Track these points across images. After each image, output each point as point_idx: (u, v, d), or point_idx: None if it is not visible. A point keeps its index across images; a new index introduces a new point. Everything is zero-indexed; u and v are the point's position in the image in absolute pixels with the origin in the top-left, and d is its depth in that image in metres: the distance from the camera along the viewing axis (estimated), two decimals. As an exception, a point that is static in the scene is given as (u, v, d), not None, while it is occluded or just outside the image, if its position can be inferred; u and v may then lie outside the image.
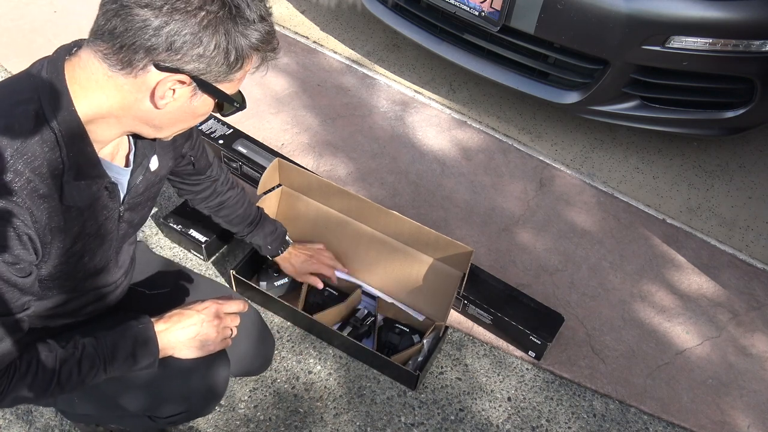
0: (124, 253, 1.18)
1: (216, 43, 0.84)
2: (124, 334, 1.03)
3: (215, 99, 0.92)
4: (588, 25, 2.00)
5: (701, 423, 1.68)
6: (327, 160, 2.27)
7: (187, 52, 0.83)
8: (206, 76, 0.87)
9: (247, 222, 1.57)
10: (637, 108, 2.20)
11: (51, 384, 0.96)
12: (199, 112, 0.94)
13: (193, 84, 0.87)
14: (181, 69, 0.84)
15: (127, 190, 1.04)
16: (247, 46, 0.87)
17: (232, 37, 0.85)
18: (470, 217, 2.14)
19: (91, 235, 1.00)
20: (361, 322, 1.75)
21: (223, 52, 0.85)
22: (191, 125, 0.99)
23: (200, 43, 0.83)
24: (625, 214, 2.22)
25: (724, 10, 1.89)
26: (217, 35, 0.83)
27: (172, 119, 0.93)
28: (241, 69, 0.90)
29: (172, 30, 0.81)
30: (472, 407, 1.66)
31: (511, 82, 2.31)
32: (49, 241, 0.92)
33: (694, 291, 2.00)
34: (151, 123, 0.93)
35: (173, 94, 0.87)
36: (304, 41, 2.81)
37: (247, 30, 0.86)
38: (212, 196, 1.49)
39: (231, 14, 0.84)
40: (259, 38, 0.88)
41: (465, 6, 2.19)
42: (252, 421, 1.58)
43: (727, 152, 2.51)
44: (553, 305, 1.84)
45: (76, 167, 0.90)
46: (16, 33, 2.70)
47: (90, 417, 1.40)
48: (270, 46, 0.92)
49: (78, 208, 0.94)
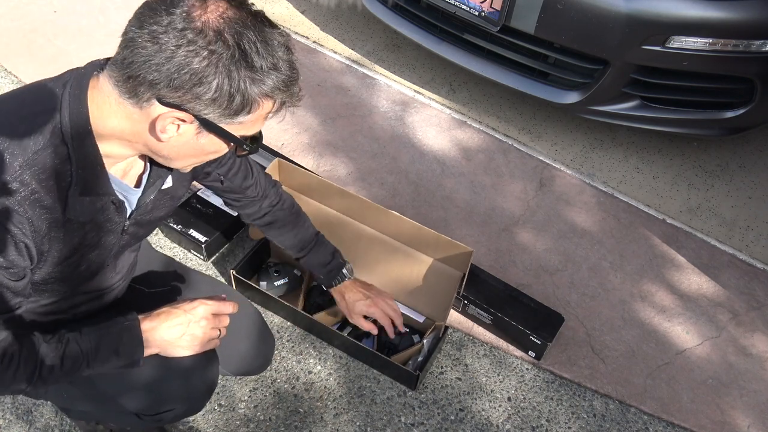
0: (124, 258, 1.18)
1: (218, 85, 0.83)
2: (109, 330, 1.03)
3: (221, 139, 0.91)
4: (588, 25, 2.00)
5: (701, 423, 1.68)
6: (327, 160, 2.27)
7: (188, 90, 0.83)
8: (209, 116, 0.86)
9: (298, 247, 1.52)
10: (637, 108, 2.20)
11: (33, 377, 0.97)
12: (207, 149, 0.93)
13: (196, 122, 0.87)
14: (182, 106, 0.84)
15: (135, 207, 1.05)
16: (256, 92, 0.86)
17: (237, 82, 0.84)
18: (470, 217, 2.14)
19: (91, 246, 1.00)
20: (361, 322, 1.75)
21: (226, 95, 0.84)
22: (204, 160, 0.98)
23: (201, 83, 0.82)
24: (625, 214, 2.22)
25: (724, 10, 1.89)
26: (220, 77, 0.82)
27: (180, 153, 0.93)
28: (251, 113, 0.88)
29: (173, 67, 0.81)
30: (472, 407, 1.66)
31: (511, 82, 2.31)
32: (47, 250, 0.93)
33: (694, 291, 2.00)
34: (160, 153, 0.93)
35: (177, 130, 0.87)
36: (304, 41, 2.81)
37: (257, 76, 0.85)
38: (257, 214, 1.46)
39: (237, 58, 0.83)
40: (273, 86, 0.87)
41: (465, 6, 2.19)
42: (252, 421, 1.58)
43: (727, 152, 2.51)
44: (553, 305, 1.84)
45: (83, 183, 0.91)
46: (16, 33, 2.70)
47: (89, 415, 1.40)
48: (286, 94, 0.90)
49: (80, 222, 0.94)
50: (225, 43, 0.82)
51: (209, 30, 0.81)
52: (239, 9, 0.85)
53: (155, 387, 1.15)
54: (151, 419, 1.22)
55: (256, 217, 1.46)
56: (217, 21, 0.82)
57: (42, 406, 1.56)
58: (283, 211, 1.47)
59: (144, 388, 1.15)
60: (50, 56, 2.59)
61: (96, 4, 2.88)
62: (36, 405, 1.56)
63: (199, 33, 0.81)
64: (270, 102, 0.90)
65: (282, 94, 0.89)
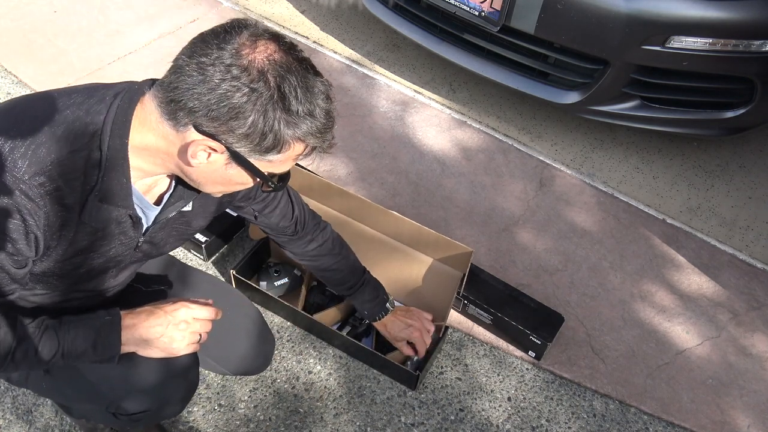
0: (128, 271, 1.18)
1: (253, 122, 0.86)
2: (88, 323, 1.03)
3: (248, 173, 0.94)
4: (588, 25, 2.00)
5: (701, 423, 1.68)
6: (327, 160, 2.28)
7: (224, 123, 0.85)
8: (240, 150, 0.89)
9: (344, 287, 1.54)
10: (637, 108, 2.20)
11: (5, 360, 0.97)
12: (235, 180, 0.96)
13: (226, 153, 0.89)
14: (216, 136, 0.87)
15: (152, 223, 1.06)
16: (289, 135, 0.89)
17: (272, 122, 0.86)
18: (470, 217, 2.14)
19: (98, 252, 1.01)
20: (360, 322, 1.75)
21: (259, 132, 0.87)
22: (231, 190, 1.01)
23: (238, 117, 0.85)
24: (625, 214, 2.22)
25: (724, 10, 1.89)
26: (256, 114, 0.85)
27: (208, 179, 0.96)
28: (281, 153, 0.91)
29: (214, 98, 0.84)
30: (472, 407, 1.66)
31: (511, 82, 2.31)
32: (54, 246, 0.94)
33: (694, 291, 2.00)
34: (190, 176, 0.96)
35: (207, 157, 0.90)
36: (304, 41, 2.81)
37: (292, 119, 0.87)
38: (299, 253, 1.48)
39: (275, 99, 0.85)
40: (306, 131, 0.90)
41: (465, 6, 2.19)
42: (252, 421, 1.58)
43: (727, 152, 2.51)
44: (553, 305, 1.84)
45: (104, 191, 0.93)
46: (16, 33, 2.70)
47: (89, 414, 1.40)
48: (319, 140, 0.93)
49: (92, 227, 0.96)
50: (267, 84, 0.85)
51: (254, 69, 0.84)
52: (287, 53, 0.88)
53: (133, 387, 1.15)
54: (127, 419, 1.21)
55: (299, 256, 1.49)
56: (263, 62, 0.85)
57: (42, 406, 1.56)
58: (327, 256, 1.49)
59: (122, 388, 1.15)
60: (50, 56, 2.59)
61: (96, 4, 2.88)
62: (36, 405, 1.56)
63: (244, 70, 0.84)
64: (302, 145, 0.92)
65: (314, 140, 0.92)
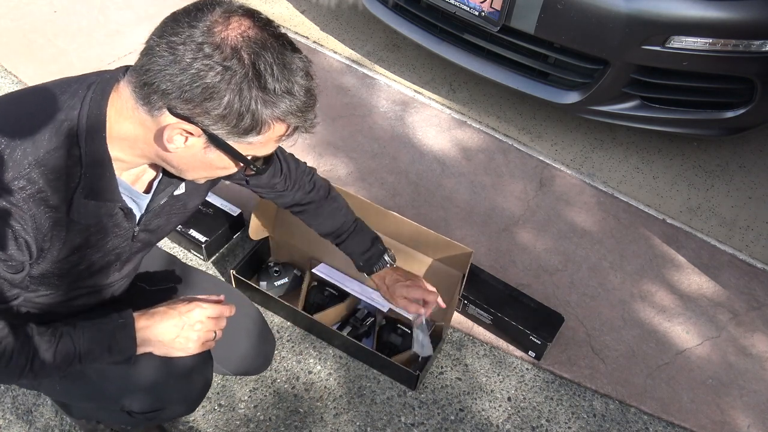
0: (132, 263, 1.18)
1: (228, 102, 0.83)
2: (103, 327, 1.03)
3: (229, 157, 0.91)
4: (588, 25, 2.00)
5: (701, 423, 1.68)
6: (327, 160, 2.27)
7: (199, 104, 0.83)
8: (218, 132, 0.86)
9: (335, 234, 1.48)
10: (637, 108, 2.20)
11: (24, 370, 0.97)
12: (216, 165, 0.93)
13: (204, 136, 0.87)
14: (191, 119, 0.84)
15: (145, 212, 1.05)
16: (268, 115, 0.85)
17: (248, 101, 0.83)
18: (470, 217, 2.14)
19: (94, 247, 1.00)
20: (360, 322, 1.75)
21: (236, 113, 0.84)
22: (213, 176, 0.98)
23: (212, 98, 0.82)
24: (625, 214, 2.22)
25: (724, 10, 1.89)
26: (231, 94, 0.82)
27: (189, 166, 0.93)
28: (261, 134, 0.88)
29: (186, 79, 0.81)
30: (472, 407, 1.66)
31: (511, 82, 2.31)
32: (47, 248, 0.93)
33: (694, 291, 2.00)
34: (171, 163, 0.94)
35: (185, 142, 0.87)
36: (304, 41, 2.81)
37: (269, 98, 0.84)
38: (289, 203, 1.44)
39: (250, 78, 0.82)
40: (286, 110, 0.86)
41: (465, 6, 2.19)
42: (252, 421, 1.58)
43: (727, 152, 2.51)
44: (553, 305, 1.84)
45: (89, 187, 0.91)
46: (16, 33, 2.70)
47: (92, 414, 1.40)
48: (300, 119, 0.90)
49: (83, 224, 0.95)
50: (240, 61, 0.82)
51: (227, 46, 0.81)
52: (262, 29, 0.85)
53: (148, 386, 1.15)
54: (143, 417, 1.22)
55: (288, 206, 1.45)
56: (237, 39, 0.82)
57: (42, 406, 1.56)
58: (317, 199, 1.45)
59: (136, 387, 1.15)
60: (50, 56, 2.59)
61: (96, 4, 2.88)
62: (36, 405, 1.56)
63: (216, 48, 0.81)
64: (282, 125, 0.89)
65: (295, 119, 0.89)
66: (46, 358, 0.99)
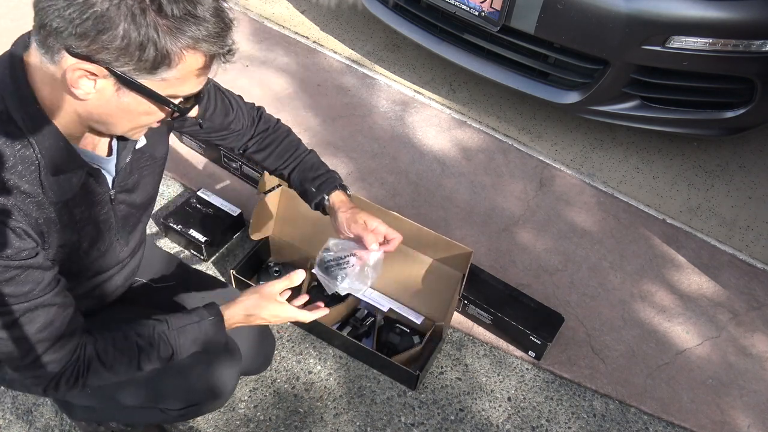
0: (136, 233, 1.17)
1: (125, 32, 0.75)
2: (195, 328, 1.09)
3: (146, 98, 0.83)
4: (588, 25, 2.00)
5: (701, 423, 1.68)
6: (327, 160, 2.25)
7: (95, 39, 0.75)
8: (124, 70, 0.78)
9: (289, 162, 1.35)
10: (637, 108, 2.20)
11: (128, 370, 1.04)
12: (137, 110, 0.85)
13: (111, 77, 0.79)
14: (91, 57, 0.77)
15: (115, 173, 1.03)
16: (172, 44, 0.78)
17: (146, 29, 0.75)
18: (470, 217, 2.14)
19: (84, 221, 0.99)
20: (360, 322, 1.75)
21: (136, 45, 0.76)
22: (140, 124, 0.90)
23: (106, 29, 0.74)
24: (625, 214, 2.22)
25: (724, 10, 1.89)
26: (125, 23, 0.74)
27: (109, 115, 0.86)
28: (172, 68, 0.80)
29: (75, 11, 0.74)
30: (472, 407, 1.66)
31: (511, 82, 2.31)
32: (45, 231, 0.92)
33: (694, 291, 2.00)
34: (91, 118, 0.87)
35: (94, 86, 0.80)
36: (304, 41, 2.81)
37: (171, 23, 0.76)
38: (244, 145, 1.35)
39: (144, 2, 0.75)
40: (194, 37, 0.78)
41: (465, 6, 2.19)
42: (252, 421, 1.58)
43: (727, 152, 2.51)
44: (553, 305, 1.84)
45: (51, 163, 0.88)
46: (17, 33, 2.69)
47: (92, 415, 1.40)
48: (214, 46, 0.81)
49: (63, 201, 0.93)
50: None
51: None
52: None
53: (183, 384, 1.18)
54: (176, 413, 1.23)
55: (243, 149, 1.35)
56: None
57: (42, 406, 1.56)
58: (269, 128, 1.36)
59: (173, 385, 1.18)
60: (50, 56, 2.59)
61: (96, 4, 2.88)
62: (36, 405, 1.56)
63: None
64: (196, 55, 0.81)
65: (208, 46, 0.80)
66: (151, 357, 1.05)
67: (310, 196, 1.32)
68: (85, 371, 0.99)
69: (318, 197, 1.30)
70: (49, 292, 0.92)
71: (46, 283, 0.92)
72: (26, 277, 0.88)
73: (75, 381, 0.99)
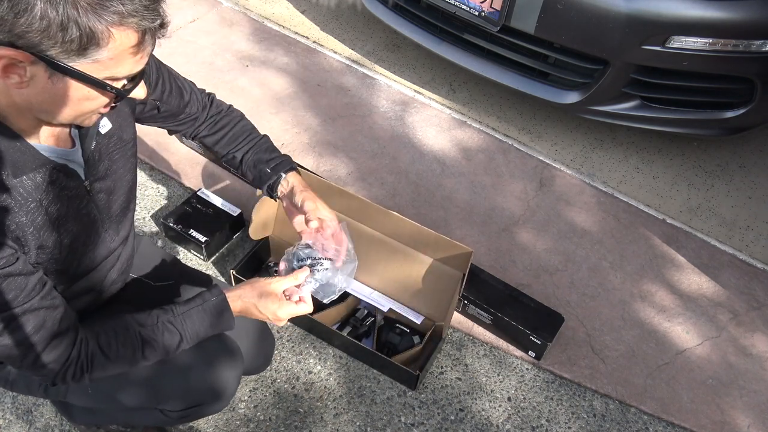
0: (124, 225, 1.16)
1: (42, 13, 0.70)
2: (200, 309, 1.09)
3: (81, 82, 0.79)
4: (588, 25, 2.00)
5: (701, 423, 1.68)
6: (327, 160, 2.27)
7: (13, 23, 0.71)
8: (51, 53, 0.74)
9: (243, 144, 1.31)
10: (637, 108, 2.20)
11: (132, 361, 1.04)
12: (75, 96, 0.81)
13: (40, 62, 0.75)
14: (15, 43, 0.72)
15: (84, 163, 1.00)
16: (98, 21, 0.73)
17: (63, 9, 0.71)
18: (470, 217, 2.14)
19: (63, 218, 0.97)
20: (360, 322, 1.75)
21: (57, 25, 0.71)
22: (86, 110, 0.85)
23: (22, 12, 0.70)
24: (625, 214, 2.22)
25: (724, 10, 1.89)
26: (41, 3, 0.70)
27: (49, 104, 0.82)
28: (103, 48, 0.75)
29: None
30: (472, 407, 1.66)
31: (511, 82, 2.31)
32: (22, 235, 0.90)
33: (694, 291, 2.00)
34: (33, 108, 0.83)
35: (25, 74, 0.76)
36: (304, 41, 2.81)
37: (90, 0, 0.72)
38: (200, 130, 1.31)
39: None
40: (119, 12, 0.74)
41: (465, 6, 2.19)
42: (252, 421, 1.58)
43: (727, 152, 2.51)
44: (553, 305, 1.84)
45: (11, 164, 0.86)
46: None
47: (92, 418, 1.40)
48: (143, 19, 0.76)
49: (34, 201, 0.90)
50: None
51: None
52: None
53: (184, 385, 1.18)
54: (176, 415, 1.23)
55: (195, 133, 1.31)
56: None
57: (42, 406, 1.56)
58: (224, 115, 1.32)
59: (173, 386, 1.18)
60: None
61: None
62: (36, 405, 1.56)
63: None
64: (125, 31, 0.76)
65: (137, 20, 0.76)
66: (156, 346, 1.05)
67: (264, 177, 1.27)
68: (89, 366, 1.00)
69: (273, 177, 1.26)
70: (35, 296, 0.91)
71: (30, 287, 0.91)
72: (8, 285, 0.87)
73: (81, 375, 0.99)
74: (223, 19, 2.83)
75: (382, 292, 1.79)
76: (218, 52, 2.63)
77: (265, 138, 1.33)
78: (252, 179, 1.31)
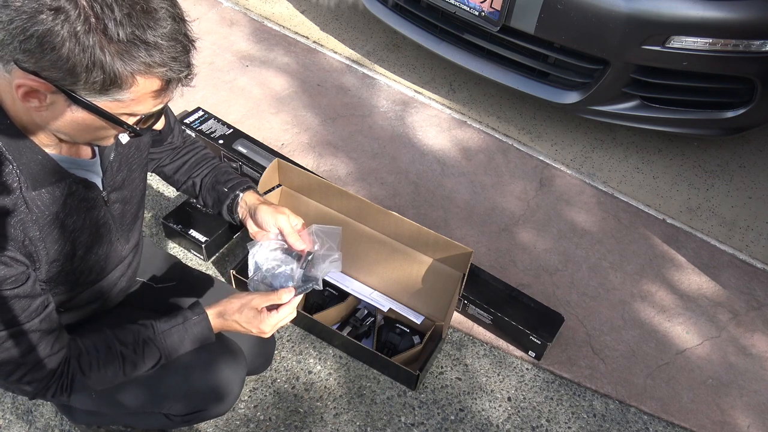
0: (135, 229, 1.17)
1: (69, 54, 0.71)
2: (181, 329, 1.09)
3: (96, 116, 0.79)
4: (588, 25, 2.00)
5: (701, 423, 1.68)
6: (327, 160, 2.27)
7: (41, 56, 0.71)
8: (72, 88, 0.75)
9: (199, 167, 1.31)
10: (637, 108, 2.20)
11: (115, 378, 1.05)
12: (92, 125, 0.82)
13: (61, 93, 0.76)
14: (39, 74, 0.73)
15: (103, 173, 1.01)
16: (124, 68, 0.74)
17: (92, 52, 0.71)
18: (470, 217, 2.14)
19: (78, 230, 0.98)
20: (360, 322, 1.75)
21: (83, 67, 0.72)
22: (102, 137, 0.87)
23: (51, 49, 0.71)
24: (625, 214, 2.22)
25: (724, 10, 1.89)
26: (70, 44, 0.70)
27: (68, 128, 0.82)
28: (125, 91, 0.76)
29: (18, 27, 0.70)
30: (472, 407, 1.66)
31: (511, 82, 2.31)
32: (35, 250, 0.90)
33: (694, 291, 2.00)
34: (51, 129, 0.84)
35: (45, 100, 0.77)
36: (304, 41, 2.81)
37: (119, 47, 0.73)
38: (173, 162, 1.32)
39: (90, 23, 0.70)
40: (145, 62, 0.74)
41: (465, 6, 2.19)
42: (252, 421, 1.58)
43: (727, 152, 2.51)
44: (553, 305, 1.84)
45: (31, 178, 0.87)
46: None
47: (93, 419, 1.40)
48: (170, 71, 0.77)
49: (51, 213, 0.91)
50: (74, 2, 0.69)
51: None
52: None
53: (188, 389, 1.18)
54: (180, 419, 1.23)
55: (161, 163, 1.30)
56: None
57: (42, 406, 1.56)
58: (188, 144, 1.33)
59: (177, 390, 1.18)
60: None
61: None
62: (36, 405, 1.56)
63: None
64: (151, 79, 0.77)
65: (163, 72, 0.77)
66: (137, 364, 1.06)
67: (222, 197, 1.26)
68: (69, 386, 1.01)
69: (231, 195, 1.25)
70: (35, 318, 0.92)
71: (33, 309, 0.91)
72: (13, 304, 0.88)
73: (61, 393, 1.01)
74: (223, 19, 2.83)
75: (382, 292, 1.79)
76: (218, 52, 2.63)
77: (225, 164, 1.33)
78: (211, 203, 1.29)
